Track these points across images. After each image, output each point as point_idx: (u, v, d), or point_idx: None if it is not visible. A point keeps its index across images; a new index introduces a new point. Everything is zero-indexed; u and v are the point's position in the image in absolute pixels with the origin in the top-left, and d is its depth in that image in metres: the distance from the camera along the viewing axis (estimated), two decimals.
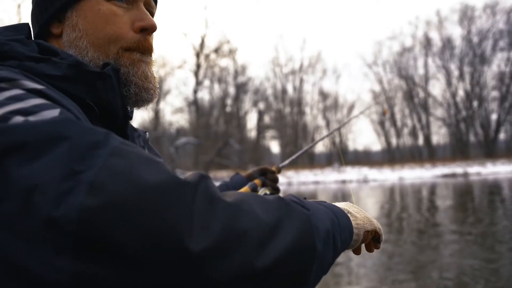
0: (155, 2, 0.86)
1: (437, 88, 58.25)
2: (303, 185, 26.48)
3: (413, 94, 45.24)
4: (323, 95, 47.37)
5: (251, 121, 46.93)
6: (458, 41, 44.95)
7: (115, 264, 0.40)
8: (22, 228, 0.40)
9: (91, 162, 0.44)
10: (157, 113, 36.14)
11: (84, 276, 0.40)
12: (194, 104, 39.19)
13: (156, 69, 0.83)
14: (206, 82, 42.01)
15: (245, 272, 0.45)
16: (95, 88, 0.68)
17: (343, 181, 26.64)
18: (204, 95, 46.89)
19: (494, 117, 43.10)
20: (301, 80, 46.28)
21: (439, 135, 46.92)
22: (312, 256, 0.53)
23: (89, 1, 0.75)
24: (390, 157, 44.62)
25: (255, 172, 1.38)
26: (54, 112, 0.50)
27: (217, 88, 43.51)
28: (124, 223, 0.41)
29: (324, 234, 0.57)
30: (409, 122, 46.04)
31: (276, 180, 1.36)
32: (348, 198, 15.58)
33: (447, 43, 43.71)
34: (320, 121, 47.50)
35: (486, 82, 42.72)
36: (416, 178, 27.56)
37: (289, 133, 45.67)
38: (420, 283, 4.57)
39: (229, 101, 44.39)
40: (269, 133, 47.42)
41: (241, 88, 44.32)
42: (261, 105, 46.01)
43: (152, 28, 0.78)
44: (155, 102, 0.83)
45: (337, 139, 45.45)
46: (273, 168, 1.40)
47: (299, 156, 1.59)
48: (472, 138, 43.65)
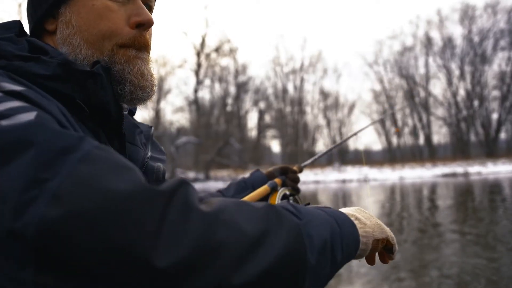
0: None
1: (438, 88, 58.24)
2: (304, 185, 26.45)
3: (414, 94, 45.20)
4: (324, 95, 47.36)
5: (252, 121, 46.97)
6: (459, 41, 45.00)
7: (76, 279, 0.39)
8: None
9: (58, 170, 0.42)
10: (158, 112, 36.08)
11: None
12: (195, 104, 39.18)
13: (154, 66, 0.80)
14: (207, 82, 42.05)
15: None
16: (85, 87, 0.66)
17: (343, 181, 26.62)
18: (205, 95, 46.87)
19: (495, 117, 43.10)
20: (302, 80, 46.26)
21: (440, 135, 46.94)
22: (303, 270, 0.49)
23: None
24: (391, 157, 44.60)
25: (276, 171, 1.33)
26: (30, 116, 0.47)
27: (218, 88, 43.57)
28: (85, 236, 0.38)
29: (320, 245, 0.53)
30: (410, 122, 46.02)
31: (297, 180, 1.31)
32: (348, 198, 15.58)
33: (448, 43, 43.68)
34: (321, 121, 47.51)
35: (487, 82, 42.70)
36: (417, 178, 27.54)
37: (290, 133, 45.64)
38: (421, 282, 4.58)
39: (230, 101, 44.43)
40: (270, 133, 47.47)
41: (242, 88, 44.31)
42: (262, 105, 46.04)
43: (149, 23, 0.75)
44: (156, 101, 0.81)
45: (338, 138, 45.46)
46: (295, 168, 1.35)
47: (316, 156, 1.51)
48: (473, 138, 43.64)
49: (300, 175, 1.34)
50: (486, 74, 42.64)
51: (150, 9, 0.82)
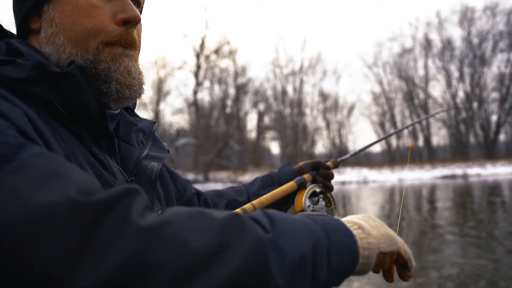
0: None
1: (437, 90, 58.36)
2: None
3: (413, 95, 45.26)
4: (323, 96, 47.35)
5: (251, 122, 46.98)
6: (458, 43, 45.01)
7: None
8: None
9: None
10: (157, 114, 36.09)
11: None
12: (194, 105, 39.19)
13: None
14: (206, 83, 42.00)
15: None
16: (61, 89, 0.64)
17: (343, 182, 26.61)
18: (204, 96, 46.99)
19: (494, 119, 43.14)
20: (301, 81, 46.26)
21: (439, 136, 46.96)
22: None
23: None
24: (390, 159, 44.61)
25: (307, 165, 1.19)
26: None
27: (217, 89, 43.53)
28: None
29: (294, 261, 0.45)
30: (409, 123, 45.92)
31: (330, 177, 1.16)
32: (348, 200, 15.57)
33: (447, 45, 43.73)
34: (320, 122, 47.48)
35: (486, 84, 42.72)
36: (416, 180, 27.54)
37: (289, 134, 45.62)
38: (420, 283, 4.57)
39: (229, 102, 44.40)
40: (269, 134, 47.43)
41: (241, 89, 44.32)
42: (261, 106, 46.01)
43: (135, 20, 0.72)
44: (155, 103, 0.81)
45: (337, 140, 45.53)
46: (329, 163, 1.19)
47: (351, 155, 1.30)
48: (472, 140, 43.67)
49: None
50: (485, 76, 42.70)
51: (139, 5, 0.80)
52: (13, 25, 0.78)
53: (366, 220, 0.60)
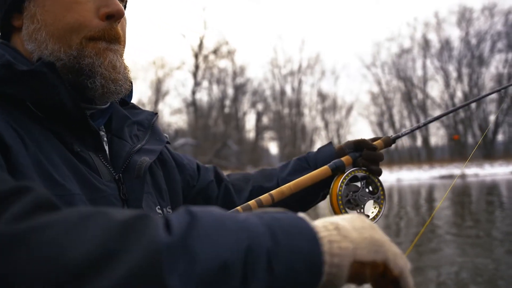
0: None
1: (436, 90, 58.47)
2: None
3: (412, 96, 45.33)
4: (322, 96, 47.39)
5: (250, 122, 46.88)
6: (456, 43, 45.14)
7: None
8: None
9: None
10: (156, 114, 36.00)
11: None
12: (193, 105, 39.17)
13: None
14: (205, 83, 42.02)
15: None
16: (32, 88, 0.62)
17: None
18: (203, 96, 46.95)
19: (492, 119, 43.24)
20: (300, 81, 46.27)
21: (437, 137, 47.04)
22: None
23: None
24: (389, 158, 44.66)
25: (348, 145, 1.01)
26: None
27: (216, 89, 43.50)
28: None
29: (208, 268, 0.36)
30: (408, 123, 46.07)
31: (375, 159, 0.96)
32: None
33: (446, 45, 43.82)
34: (319, 122, 47.54)
35: (484, 84, 42.80)
36: (414, 180, 27.57)
37: (288, 134, 45.63)
38: (419, 283, 4.57)
39: (228, 102, 44.39)
40: (268, 134, 47.41)
41: (240, 89, 44.29)
42: (260, 106, 46.01)
43: (119, 14, 0.71)
44: (154, 103, 0.79)
45: (336, 140, 45.53)
46: (378, 141, 1.00)
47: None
48: (470, 140, 43.74)
49: None
50: (484, 76, 42.81)
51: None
52: None
53: (352, 220, 0.47)
